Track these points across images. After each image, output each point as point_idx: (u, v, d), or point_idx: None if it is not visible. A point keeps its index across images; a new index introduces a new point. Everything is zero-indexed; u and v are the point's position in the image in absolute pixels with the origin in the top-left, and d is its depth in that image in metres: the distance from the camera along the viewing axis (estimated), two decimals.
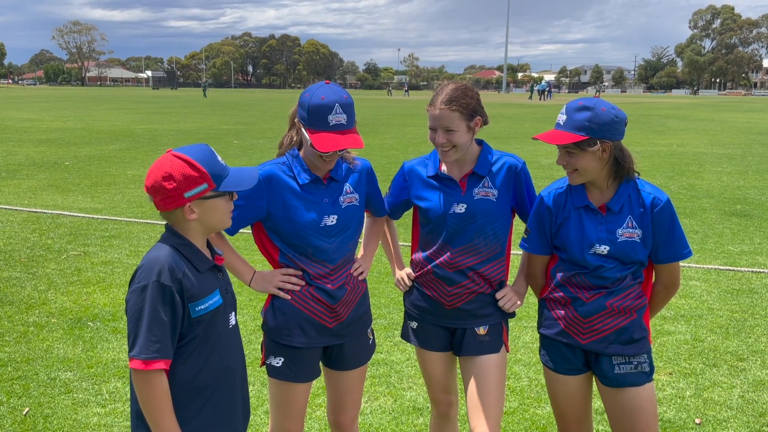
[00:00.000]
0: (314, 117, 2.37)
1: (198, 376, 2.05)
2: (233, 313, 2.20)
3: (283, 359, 2.56)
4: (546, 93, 69.76)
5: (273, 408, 2.65)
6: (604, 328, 2.50)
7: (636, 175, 2.51)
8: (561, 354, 2.60)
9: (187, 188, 1.97)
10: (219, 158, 2.08)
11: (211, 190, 2.01)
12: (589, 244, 2.47)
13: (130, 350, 1.93)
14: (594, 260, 2.48)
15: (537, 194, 2.73)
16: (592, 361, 2.57)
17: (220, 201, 2.07)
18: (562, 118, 2.43)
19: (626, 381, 2.51)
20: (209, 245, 2.17)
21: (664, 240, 2.47)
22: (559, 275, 2.58)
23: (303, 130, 2.43)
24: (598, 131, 2.36)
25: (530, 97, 62.32)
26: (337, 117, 2.36)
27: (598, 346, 2.52)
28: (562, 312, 2.57)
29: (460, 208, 2.61)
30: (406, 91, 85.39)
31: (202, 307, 2.02)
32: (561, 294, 2.57)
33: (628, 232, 2.45)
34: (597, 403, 3.62)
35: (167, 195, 1.97)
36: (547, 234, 2.59)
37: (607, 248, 2.46)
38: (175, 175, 1.96)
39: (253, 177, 2.15)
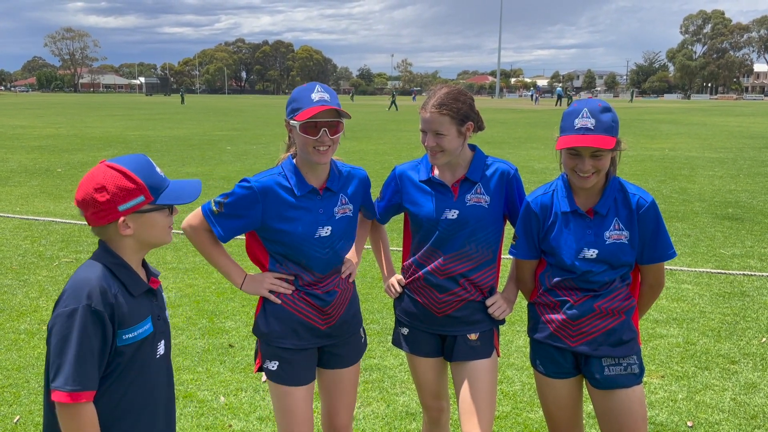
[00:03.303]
0: (298, 101, 2.43)
1: (113, 412, 1.90)
2: (163, 341, 2.05)
3: (278, 363, 2.56)
4: (534, 98, 69.92)
5: (278, 417, 2.61)
6: (593, 330, 2.51)
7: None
8: (551, 357, 2.61)
9: (122, 201, 1.84)
10: (158, 169, 1.95)
11: (148, 203, 1.88)
12: (577, 249, 2.48)
13: (51, 380, 1.78)
14: (583, 265, 2.48)
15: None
16: (582, 363, 2.58)
17: (158, 215, 1.93)
18: (590, 122, 2.34)
19: (616, 383, 2.51)
20: (145, 264, 2.04)
21: (650, 241, 2.49)
22: (547, 281, 2.59)
23: (290, 122, 2.45)
24: (618, 131, 2.41)
25: (557, 103, 61.59)
26: (320, 94, 2.42)
27: (587, 348, 2.52)
28: (551, 316, 2.57)
29: (452, 214, 2.60)
30: (414, 97, 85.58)
31: (130, 335, 1.88)
32: (549, 298, 2.58)
33: (616, 234, 2.46)
34: (589, 407, 3.62)
35: (100, 208, 1.84)
36: (534, 239, 2.60)
37: (596, 252, 2.46)
38: (108, 187, 1.83)
39: (196, 190, 2.01)
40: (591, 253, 2.46)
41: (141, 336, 1.91)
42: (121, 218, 1.86)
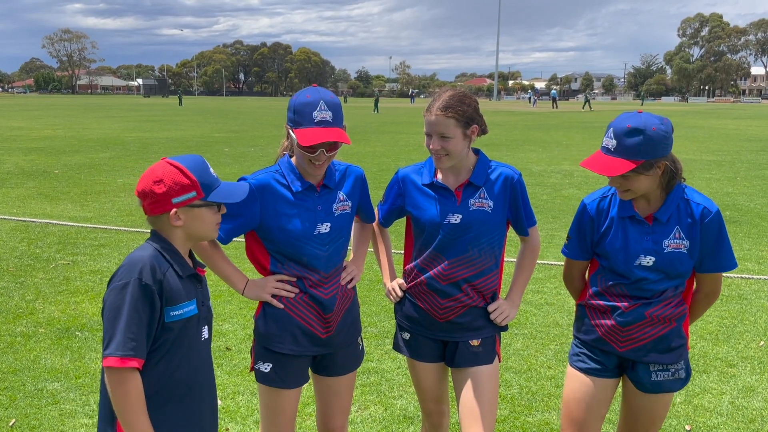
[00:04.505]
0: (299, 115, 2.39)
1: (163, 388, 2.02)
2: (207, 327, 2.18)
3: (271, 365, 2.55)
4: (532, 100, 70.42)
5: (263, 415, 2.64)
6: (643, 337, 2.49)
7: (682, 181, 2.45)
8: (596, 358, 2.61)
9: (176, 194, 2.01)
10: (212, 170, 2.11)
11: (199, 198, 2.04)
12: (634, 255, 2.44)
13: (105, 348, 1.91)
14: (639, 272, 2.45)
15: (531, 205, 2.72)
16: (628, 367, 2.58)
17: (207, 211, 2.09)
18: (611, 142, 2.30)
19: (662, 388, 2.54)
20: (191, 256, 2.18)
21: (711, 251, 2.45)
22: (599, 283, 2.57)
23: (290, 131, 2.43)
24: (653, 153, 2.27)
25: (553, 105, 62.36)
26: (322, 113, 2.38)
27: (635, 355, 2.52)
28: (601, 321, 2.55)
29: (455, 219, 2.58)
30: (412, 98, 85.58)
31: (178, 312, 2.02)
32: (600, 302, 2.56)
33: (675, 243, 2.41)
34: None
35: (156, 199, 2.01)
36: (587, 242, 2.58)
37: (653, 259, 2.42)
38: (165, 180, 2.00)
39: (243, 191, 2.18)
40: (648, 260, 2.43)
41: (186, 315, 2.04)
42: (173, 210, 2.02)
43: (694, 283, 2.59)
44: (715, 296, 2.61)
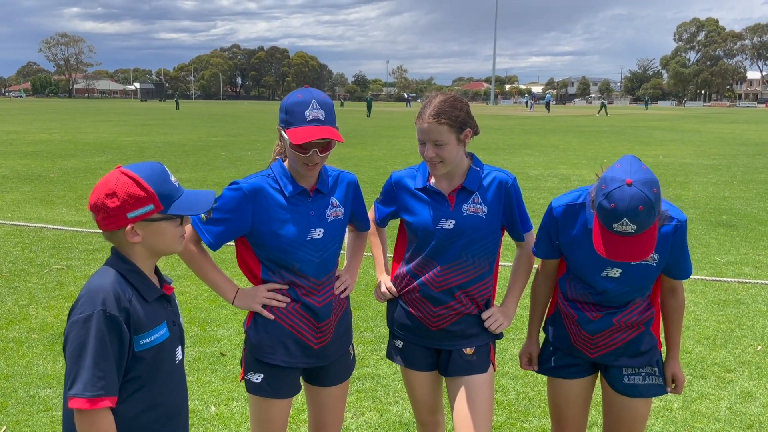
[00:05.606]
0: (291, 114, 2.35)
1: (140, 417, 1.90)
2: (180, 347, 2.06)
3: (262, 375, 2.50)
4: (529, 104, 70.79)
5: (253, 424, 2.60)
6: (612, 342, 2.53)
7: None
8: (570, 363, 2.64)
9: (131, 208, 1.84)
10: (172, 178, 1.94)
11: (158, 212, 1.87)
12: (601, 266, 2.43)
13: (69, 388, 1.75)
14: (604, 282, 2.45)
15: (526, 209, 2.69)
16: (602, 369, 2.63)
17: (168, 225, 1.92)
18: (630, 227, 2.15)
19: (638, 391, 2.56)
20: (158, 272, 2.03)
21: (677, 262, 2.46)
22: (568, 289, 2.58)
23: (282, 132, 2.39)
24: (658, 207, 2.21)
25: (548, 109, 63.41)
26: (314, 112, 2.34)
27: (607, 359, 2.56)
28: (572, 328, 2.59)
29: (449, 224, 2.54)
30: (409, 102, 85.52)
31: (147, 340, 1.87)
32: (570, 310, 2.58)
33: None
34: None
35: (109, 214, 1.84)
36: (553, 242, 2.58)
37: (620, 271, 2.42)
38: (119, 193, 1.82)
39: (208, 201, 2.00)
40: (615, 272, 2.43)
41: (158, 341, 1.91)
42: (129, 225, 1.86)
43: (661, 291, 2.59)
44: (681, 295, 2.59)
